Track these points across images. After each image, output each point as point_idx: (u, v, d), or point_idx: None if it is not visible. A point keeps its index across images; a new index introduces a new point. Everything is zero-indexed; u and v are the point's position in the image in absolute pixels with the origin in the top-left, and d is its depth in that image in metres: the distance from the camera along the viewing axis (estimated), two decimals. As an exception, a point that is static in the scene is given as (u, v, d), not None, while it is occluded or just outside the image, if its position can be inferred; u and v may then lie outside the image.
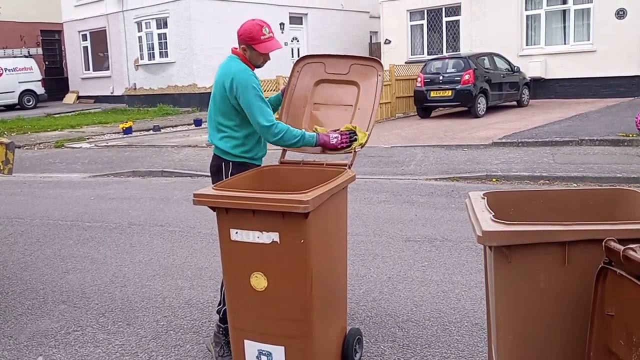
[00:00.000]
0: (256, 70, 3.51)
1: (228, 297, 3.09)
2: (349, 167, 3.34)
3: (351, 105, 3.49)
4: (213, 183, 3.41)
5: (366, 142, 3.40)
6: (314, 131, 3.43)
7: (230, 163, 3.50)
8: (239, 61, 3.44)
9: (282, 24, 23.54)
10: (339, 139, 3.35)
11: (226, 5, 21.65)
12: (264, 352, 3.01)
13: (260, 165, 3.57)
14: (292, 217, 2.76)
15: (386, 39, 22.14)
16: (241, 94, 3.31)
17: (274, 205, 2.77)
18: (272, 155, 3.65)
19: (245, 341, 3.05)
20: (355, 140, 3.36)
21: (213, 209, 2.98)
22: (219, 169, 3.54)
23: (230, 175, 3.44)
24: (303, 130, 3.37)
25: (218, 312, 3.59)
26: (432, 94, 15.93)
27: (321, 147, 3.38)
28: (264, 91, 14.16)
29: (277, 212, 2.78)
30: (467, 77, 15.36)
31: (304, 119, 3.58)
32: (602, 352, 2.11)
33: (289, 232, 2.82)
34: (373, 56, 25.94)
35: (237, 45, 3.48)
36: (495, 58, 16.80)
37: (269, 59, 3.51)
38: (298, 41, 24.56)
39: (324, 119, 3.57)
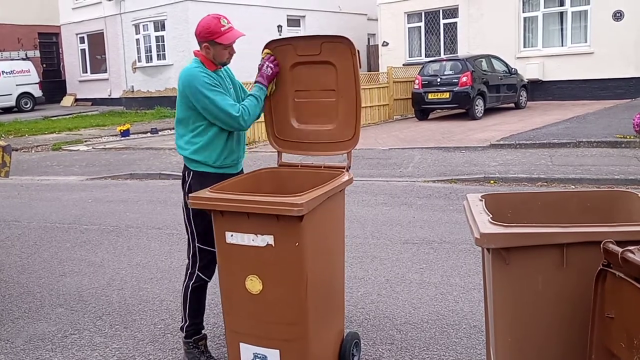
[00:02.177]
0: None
1: (224, 300, 3.08)
2: (347, 170, 3.33)
3: (334, 90, 3.32)
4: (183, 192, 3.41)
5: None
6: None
7: (192, 172, 3.36)
8: (194, 62, 3.30)
9: (279, 26, 23.55)
10: (269, 65, 3.36)
11: (224, 7, 21.59)
12: (259, 356, 3.00)
13: (233, 174, 3.41)
14: (286, 220, 2.75)
15: (384, 41, 22.15)
16: (192, 93, 3.18)
17: (269, 208, 2.76)
18: (270, 158, 3.64)
19: (241, 344, 3.04)
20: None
21: (209, 211, 2.97)
22: (183, 177, 3.44)
23: (190, 186, 3.32)
24: (250, 93, 3.32)
25: (181, 329, 3.52)
26: (430, 96, 15.94)
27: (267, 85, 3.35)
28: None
29: (271, 215, 2.77)
30: (464, 79, 15.37)
31: (290, 108, 3.46)
32: (603, 355, 2.10)
33: (284, 235, 2.81)
34: (370, 58, 25.98)
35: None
36: (493, 60, 16.82)
37: (234, 51, 3.35)
38: (296, 43, 24.54)
39: (308, 108, 3.41)
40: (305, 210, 2.72)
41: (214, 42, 3.24)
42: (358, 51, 3.20)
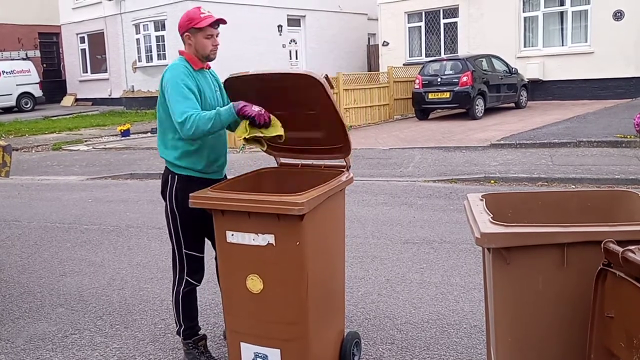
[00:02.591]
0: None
1: (225, 299, 3.08)
2: (348, 169, 3.33)
3: (313, 111, 3.14)
4: (162, 197, 3.37)
5: (280, 138, 3.04)
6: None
7: (176, 176, 3.29)
8: (177, 60, 3.26)
9: (280, 26, 23.56)
10: (261, 110, 3.02)
11: (224, 7, 21.59)
12: (260, 355, 3.00)
13: (218, 179, 3.34)
14: (287, 219, 2.75)
15: (384, 41, 22.15)
16: (165, 85, 3.15)
17: (269, 207, 2.76)
18: (270, 157, 3.63)
19: (242, 344, 3.04)
20: (268, 126, 3.02)
21: (210, 211, 2.97)
22: (165, 182, 3.36)
23: (176, 192, 3.27)
24: (218, 108, 3.08)
25: (178, 333, 3.52)
26: (430, 95, 15.94)
27: (241, 117, 3.02)
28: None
29: (272, 214, 2.77)
30: (465, 79, 15.37)
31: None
32: (602, 354, 2.10)
33: (285, 234, 2.81)
34: (371, 58, 25.96)
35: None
36: (493, 60, 16.82)
37: (217, 43, 3.25)
38: (296, 43, 24.57)
39: (289, 119, 3.15)
40: (306, 210, 2.72)
41: (194, 29, 3.19)
42: (326, 75, 3.03)
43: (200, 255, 3.42)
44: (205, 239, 3.46)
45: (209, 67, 3.39)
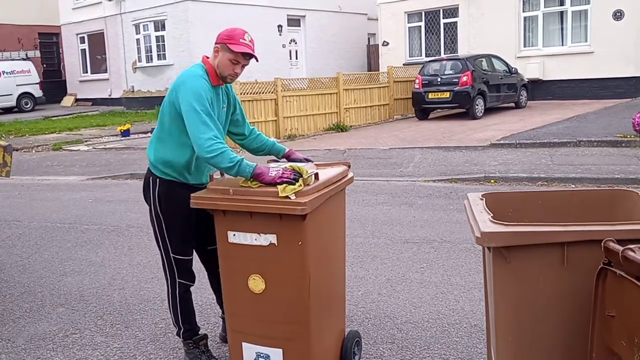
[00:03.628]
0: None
1: (226, 299, 3.08)
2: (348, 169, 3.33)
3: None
4: (145, 200, 3.32)
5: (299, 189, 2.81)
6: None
7: (158, 179, 3.25)
8: (200, 66, 3.14)
9: (280, 26, 23.56)
10: (280, 172, 2.85)
11: (224, 7, 21.65)
12: (262, 355, 3.00)
13: (201, 184, 3.24)
14: (289, 219, 2.75)
15: (384, 41, 22.15)
16: (183, 96, 2.99)
17: (272, 207, 2.76)
18: (270, 157, 3.63)
19: (243, 344, 3.05)
20: (298, 181, 2.82)
21: (211, 211, 2.96)
22: (147, 185, 3.32)
23: (159, 195, 3.24)
24: (243, 157, 2.94)
25: (177, 335, 3.52)
26: (430, 95, 15.95)
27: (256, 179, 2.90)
28: (261, 93, 14.17)
29: (274, 214, 2.77)
30: (465, 78, 15.38)
31: None
32: (603, 353, 2.10)
33: (287, 234, 2.81)
34: (370, 58, 26.03)
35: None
36: (493, 60, 16.83)
37: (239, 72, 3.14)
38: (296, 43, 24.58)
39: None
40: (309, 209, 2.72)
41: (226, 46, 3.06)
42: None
43: (188, 258, 3.38)
44: (201, 240, 3.44)
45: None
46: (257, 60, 3.18)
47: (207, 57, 3.20)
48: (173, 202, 3.23)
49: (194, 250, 3.45)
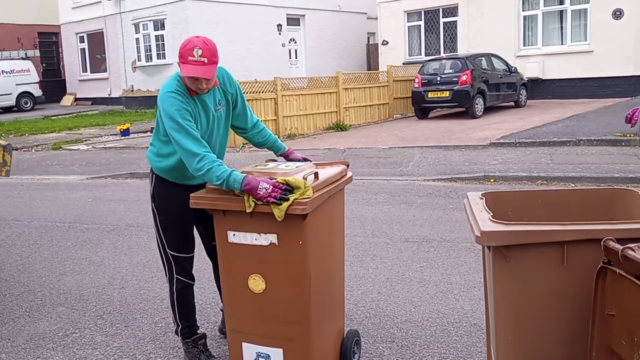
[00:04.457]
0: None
1: (226, 299, 3.08)
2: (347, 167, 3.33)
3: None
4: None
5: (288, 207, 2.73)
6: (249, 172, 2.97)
7: (154, 176, 3.31)
8: (175, 78, 3.06)
9: (279, 25, 23.55)
10: (269, 190, 2.74)
11: (224, 6, 21.64)
12: (262, 355, 3.00)
13: (198, 184, 3.20)
14: (290, 218, 2.74)
15: (384, 40, 22.15)
16: (163, 117, 2.99)
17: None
18: (270, 156, 3.63)
19: (243, 344, 3.04)
20: (287, 200, 2.72)
21: (211, 211, 2.96)
22: (150, 180, 3.38)
23: (156, 191, 3.29)
24: (232, 170, 2.88)
25: (176, 332, 3.53)
26: (430, 94, 15.94)
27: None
28: (261, 92, 14.16)
29: (274, 214, 2.77)
30: (464, 77, 15.37)
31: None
32: (603, 352, 2.11)
33: (287, 233, 2.80)
34: (370, 57, 26.03)
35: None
36: (493, 59, 16.83)
37: (203, 87, 2.97)
38: (296, 42, 24.57)
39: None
40: (310, 209, 2.72)
41: (179, 65, 2.98)
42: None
43: (185, 255, 3.38)
44: (207, 235, 3.43)
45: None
46: (206, 78, 2.94)
47: None
48: (169, 200, 3.25)
49: (193, 249, 3.44)
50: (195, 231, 3.44)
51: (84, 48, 27.16)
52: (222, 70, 3.25)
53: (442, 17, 20.82)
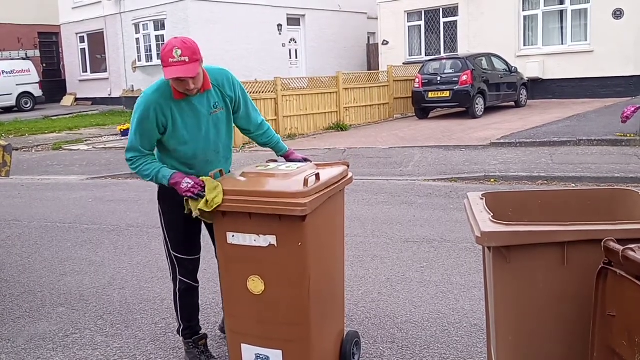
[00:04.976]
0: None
1: (225, 300, 3.07)
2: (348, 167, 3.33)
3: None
4: None
5: (209, 211, 2.89)
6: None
7: None
8: (160, 81, 3.09)
9: (279, 26, 23.54)
10: (190, 185, 2.98)
11: (224, 7, 21.63)
12: (261, 356, 2.99)
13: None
14: (289, 219, 2.74)
15: (384, 40, 22.15)
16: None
17: (271, 208, 2.75)
18: (270, 156, 3.63)
19: (243, 345, 3.04)
20: (203, 197, 2.90)
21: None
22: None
23: (160, 191, 3.33)
24: (162, 167, 3.13)
25: (178, 332, 3.54)
26: (430, 94, 15.94)
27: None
28: (261, 92, 14.16)
29: (274, 215, 2.76)
30: (465, 77, 15.37)
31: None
32: (605, 353, 2.10)
33: (287, 235, 2.80)
34: (370, 57, 26.03)
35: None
36: (493, 59, 16.82)
37: (190, 87, 2.96)
38: (296, 42, 24.57)
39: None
40: (309, 210, 2.71)
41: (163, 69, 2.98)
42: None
43: (189, 257, 3.38)
44: (201, 240, 3.44)
45: (205, 90, 3.13)
46: (190, 77, 2.93)
47: None
48: (173, 201, 3.24)
49: (198, 252, 3.44)
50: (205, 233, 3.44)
51: (84, 48, 27.15)
52: (222, 72, 3.25)
53: (443, 17, 20.82)
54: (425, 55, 20.60)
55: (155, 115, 3.04)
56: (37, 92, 25.54)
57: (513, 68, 17.01)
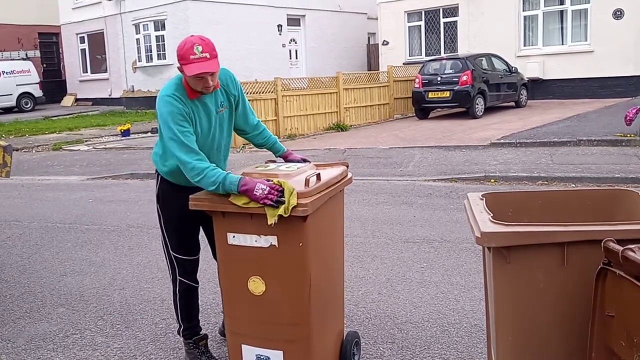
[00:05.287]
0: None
1: (225, 301, 3.07)
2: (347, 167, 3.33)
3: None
4: None
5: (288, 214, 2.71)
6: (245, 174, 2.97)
7: (159, 177, 3.33)
8: (174, 82, 3.04)
9: (279, 26, 23.55)
10: (266, 191, 2.73)
11: (224, 7, 21.64)
12: (262, 357, 2.99)
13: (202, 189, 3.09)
14: (290, 220, 2.73)
15: (384, 40, 22.15)
16: (160, 123, 3.01)
17: (272, 208, 2.75)
18: (269, 157, 3.64)
19: (243, 346, 3.03)
20: (283, 203, 2.70)
21: (210, 212, 2.95)
22: (155, 180, 3.38)
23: (160, 191, 3.30)
24: (228, 172, 2.89)
25: (178, 332, 3.54)
26: (430, 95, 15.95)
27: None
28: (261, 92, 14.17)
29: (275, 215, 2.76)
30: (465, 78, 15.37)
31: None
32: (603, 353, 2.10)
33: (287, 235, 2.80)
34: (370, 57, 26.04)
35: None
36: (493, 59, 16.83)
37: (209, 84, 2.95)
38: (296, 42, 24.58)
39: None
40: (310, 211, 2.71)
41: (182, 67, 2.96)
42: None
43: (187, 258, 3.38)
44: (200, 241, 3.44)
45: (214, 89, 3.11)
46: (214, 71, 2.93)
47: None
48: (173, 202, 3.25)
49: (197, 252, 3.44)
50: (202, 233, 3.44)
51: (85, 48, 27.16)
52: (226, 72, 3.25)
53: (443, 17, 20.82)
54: (426, 56, 20.61)
55: (184, 110, 2.98)
56: (37, 92, 25.55)
57: (513, 68, 17.01)
